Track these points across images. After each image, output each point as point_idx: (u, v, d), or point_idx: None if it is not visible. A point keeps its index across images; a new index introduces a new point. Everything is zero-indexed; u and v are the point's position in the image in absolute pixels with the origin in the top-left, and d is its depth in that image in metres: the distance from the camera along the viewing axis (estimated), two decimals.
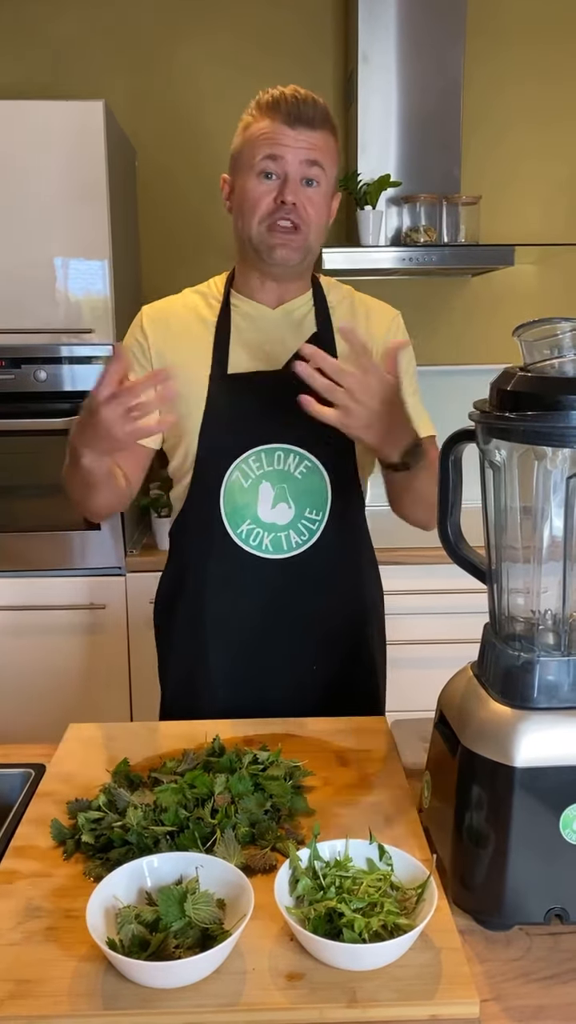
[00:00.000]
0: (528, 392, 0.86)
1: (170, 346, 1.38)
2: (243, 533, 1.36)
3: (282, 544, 1.36)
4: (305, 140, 1.27)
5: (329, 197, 1.34)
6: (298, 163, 1.27)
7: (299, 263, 1.33)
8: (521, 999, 0.80)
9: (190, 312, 1.41)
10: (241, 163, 1.31)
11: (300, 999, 0.77)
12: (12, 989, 0.78)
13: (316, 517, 1.37)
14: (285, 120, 1.27)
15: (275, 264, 1.32)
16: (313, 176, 1.28)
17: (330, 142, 1.31)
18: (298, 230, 1.29)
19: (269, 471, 1.35)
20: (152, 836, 0.95)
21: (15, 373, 2.31)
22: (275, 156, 1.27)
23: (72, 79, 2.73)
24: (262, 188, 1.28)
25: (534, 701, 0.88)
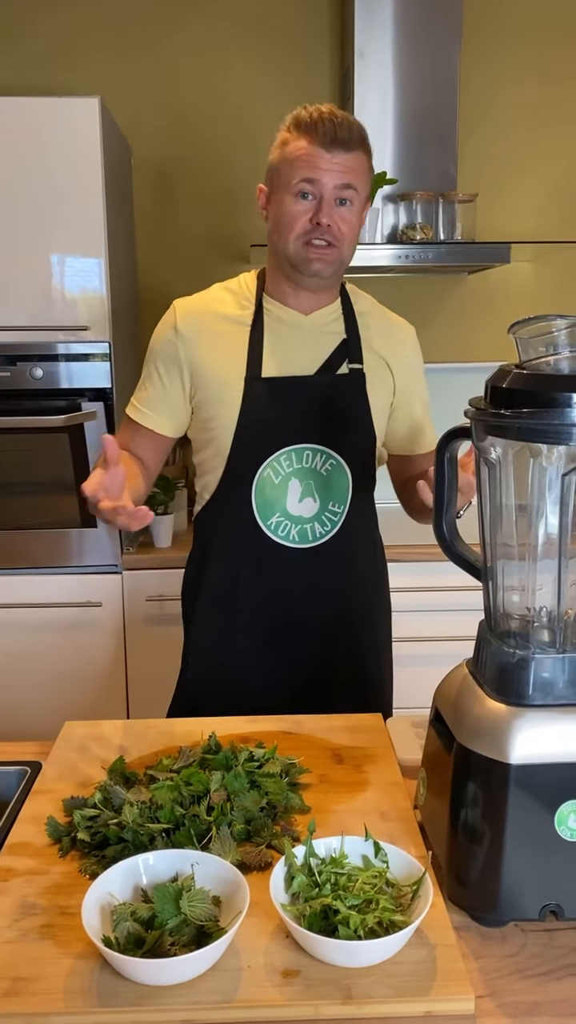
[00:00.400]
0: (524, 389, 0.86)
1: (204, 345, 1.44)
2: (272, 525, 1.45)
3: (307, 535, 1.46)
4: (340, 163, 1.33)
5: (361, 212, 1.41)
6: (333, 186, 1.33)
7: (332, 275, 1.41)
8: (516, 995, 0.80)
9: (223, 311, 1.46)
10: (279, 180, 1.38)
11: (295, 996, 0.77)
12: (7, 987, 0.78)
13: (338, 510, 1.47)
14: (322, 143, 1.32)
15: (310, 276, 1.40)
16: (347, 197, 1.35)
17: (364, 162, 1.37)
18: (332, 247, 1.36)
19: (298, 468, 1.44)
20: (148, 833, 0.95)
21: (11, 370, 2.30)
22: (312, 179, 1.33)
23: (68, 76, 2.72)
24: (299, 208, 1.35)
25: (529, 698, 0.88)
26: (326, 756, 1.19)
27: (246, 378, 1.42)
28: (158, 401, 1.48)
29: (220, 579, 1.50)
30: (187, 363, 1.44)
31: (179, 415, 1.49)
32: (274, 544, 1.45)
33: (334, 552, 1.47)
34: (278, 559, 1.46)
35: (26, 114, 2.21)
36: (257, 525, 1.44)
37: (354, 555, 1.51)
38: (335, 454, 1.44)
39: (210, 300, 1.48)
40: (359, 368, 1.46)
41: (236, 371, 1.42)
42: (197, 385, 1.45)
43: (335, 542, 1.47)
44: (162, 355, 1.47)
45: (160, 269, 2.85)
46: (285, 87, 2.78)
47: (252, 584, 1.48)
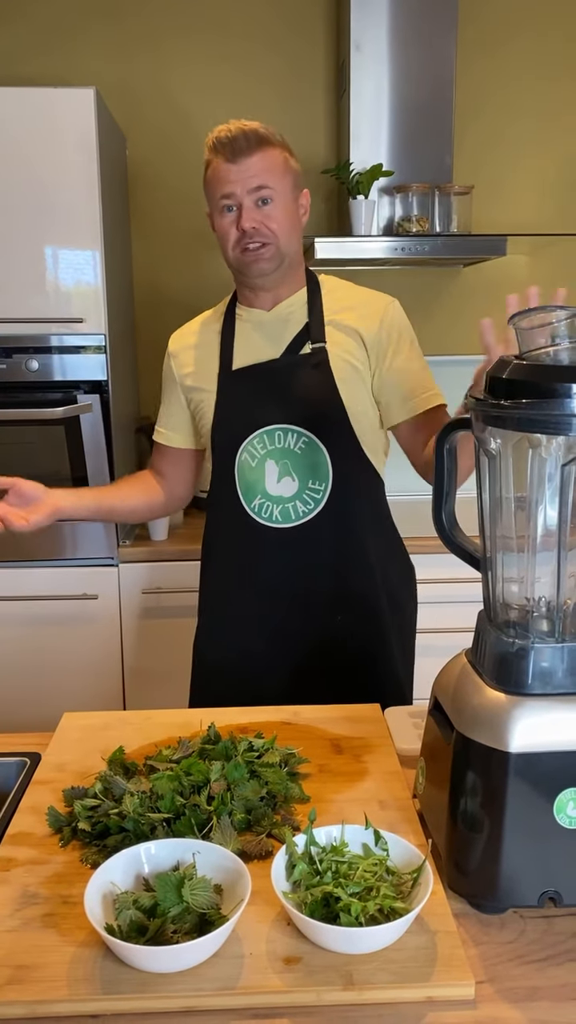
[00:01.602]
0: (523, 380, 0.86)
1: (187, 358, 1.58)
2: (255, 507, 1.50)
3: (290, 514, 1.50)
4: (246, 169, 1.41)
5: (289, 202, 1.46)
6: (246, 193, 1.41)
7: (277, 269, 1.47)
8: (515, 981, 0.80)
9: (203, 327, 1.60)
10: (209, 201, 1.48)
11: (297, 982, 0.78)
12: (11, 975, 0.79)
13: (319, 487, 1.49)
14: (226, 158, 1.42)
15: (255, 277, 1.48)
16: (264, 196, 1.42)
17: (272, 157, 1.43)
18: (265, 245, 1.44)
19: (272, 449, 1.49)
20: (148, 823, 0.95)
21: (6, 363, 2.29)
22: (227, 194, 1.42)
23: (63, 66, 2.70)
24: (226, 221, 1.45)
25: (528, 687, 0.89)
26: (325, 746, 1.20)
27: (219, 374, 1.53)
28: (168, 419, 1.64)
29: (220, 563, 1.59)
30: (179, 377, 1.59)
31: (185, 427, 1.62)
32: (259, 526, 1.51)
33: (321, 530, 1.50)
34: (265, 540, 1.51)
35: (21, 104, 2.20)
36: (243, 508, 1.51)
37: (347, 532, 1.52)
38: (306, 431, 1.48)
39: (195, 322, 1.63)
40: (320, 346, 1.49)
41: (211, 370, 1.54)
42: (187, 393, 1.58)
43: (321, 520, 1.49)
44: (166, 379, 1.63)
45: (155, 261, 2.84)
46: (281, 79, 2.77)
47: (246, 567, 1.54)
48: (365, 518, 1.56)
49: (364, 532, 1.55)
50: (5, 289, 2.27)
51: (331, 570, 1.52)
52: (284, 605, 1.53)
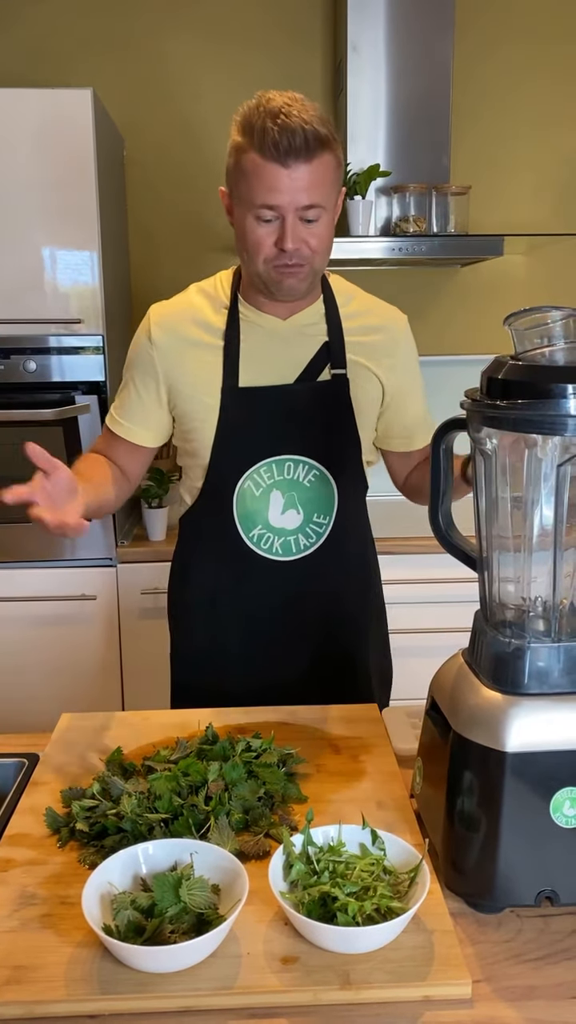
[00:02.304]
0: (519, 380, 0.86)
1: (179, 356, 1.38)
2: (254, 537, 1.40)
3: (291, 547, 1.41)
4: (300, 179, 1.21)
5: (332, 219, 1.30)
6: (295, 209, 1.23)
7: (308, 287, 1.33)
8: (512, 980, 0.81)
9: (199, 318, 1.39)
10: (237, 193, 1.27)
11: (295, 982, 0.78)
12: (9, 975, 0.79)
13: (323, 521, 1.42)
14: (275, 158, 1.20)
15: (283, 295, 1.32)
16: (311, 215, 1.24)
17: (328, 166, 1.24)
18: (303, 265, 1.28)
19: (279, 480, 1.39)
20: (146, 823, 0.96)
21: (4, 364, 2.30)
22: (271, 205, 1.23)
23: (60, 67, 2.71)
24: (261, 232, 1.25)
25: (525, 687, 0.89)
26: (323, 746, 1.20)
27: (223, 389, 1.36)
28: (134, 412, 1.43)
29: (203, 591, 1.47)
30: (163, 374, 1.39)
31: (156, 425, 1.43)
32: (257, 557, 1.41)
33: (321, 564, 1.42)
34: (262, 572, 1.41)
35: (19, 105, 2.20)
36: (239, 537, 1.40)
37: (343, 566, 1.46)
38: (318, 464, 1.39)
39: (185, 306, 1.41)
40: (342, 373, 1.38)
41: (213, 382, 1.37)
42: (174, 398, 1.40)
43: (322, 554, 1.42)
44: (138, 365, 1.41)
45: (153, 262, 2.84)
46: (278, 80, 2.77)
47: (235, 598, 1.44)
48: (363, 542, 1.52)
49: (362, 558, 1.51)
50: (3, 290, 2.27)
51: (327, 600, 1.46)
52: (272, 636, 1.45)
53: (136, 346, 1.42)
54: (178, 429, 1.44)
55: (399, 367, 1.44)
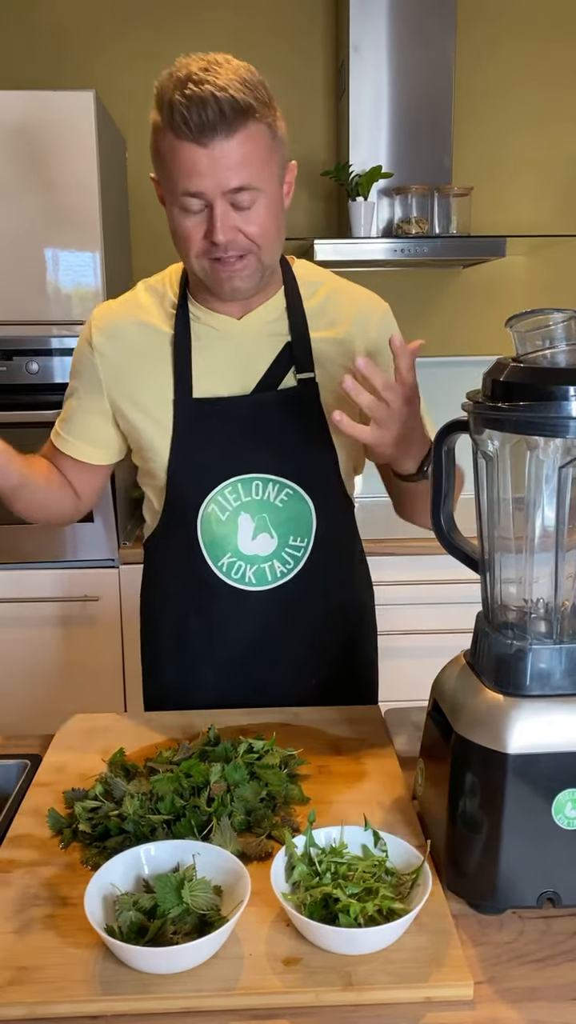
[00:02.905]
0: (521, 382, 0.86)
1: (124, 363, 1.25)
2: (224, 566, 1.27)
3: (266, 575, 1.28)
4: (222, 159, 1.05)
5: (275, 195, 1.13)
6: (220, 194, 1.07)
7: (256, 284, 1.18)
8: (514, 981, 0.81)
9: (145, 321, 1.26)
10: (162, 180, 1.13)
11: (296, 983, 0.78)
12: (11, 976, 0.79)
13: (300, 544, 1.28)
14: (191, 138, 1.04)
15: (225, 295, 1.18)
16: (244, 200, 1.09)
17: (256, 137, 1.07)
18: (243, 258, 1.13)
19: (247, 501, 1.25)
20: (148, 824, 0.96)
21: (7, 365, 2.30)
22: (193, 192, 1.08)
23: (62, 69, 2.71)
24: (189, 223, 1.11)
25: (527, 688, 0.89)
26: (325, 747, 1.20)
27: (175, 401, 1.22)
28: (78, 425, 1.30)
29: (173, 626, 1.36)
30: (106, 385, 1.25)
31: (105, 441, 1.30)
32: (229, 588, 1.27)
33: (300, 592, 1.29)
34: (234, 605, 1.28)
35: (21, 107, 2.21)
36: (207, 567, 1.27)
37: (330, 589, 1.33)
38: (290, 482, 1.24)
39: (131, 307, 1.27)
40: (310, 377, 1.23)
41: (163, 393, 1.23)
42: (120, 411, 1.27)
43: (301, 580, 1.28)
44: (81, 373, 1.28)
45: (154, 263, 2.82)
46: (280, 81, 2.74)
47: (207, 635, 1.32)
48: (348, 565, 1.39)
49: (347, 583, 1.39)
50: (5, 291, 2.28)
51: (310, 633, 1.34)
52: (248, 677, 1.34)
53: (78, 352, 1.30)
54: (132, 444, 1.31)
55: (375, 355, 1.24)
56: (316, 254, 2.46)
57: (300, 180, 2.80)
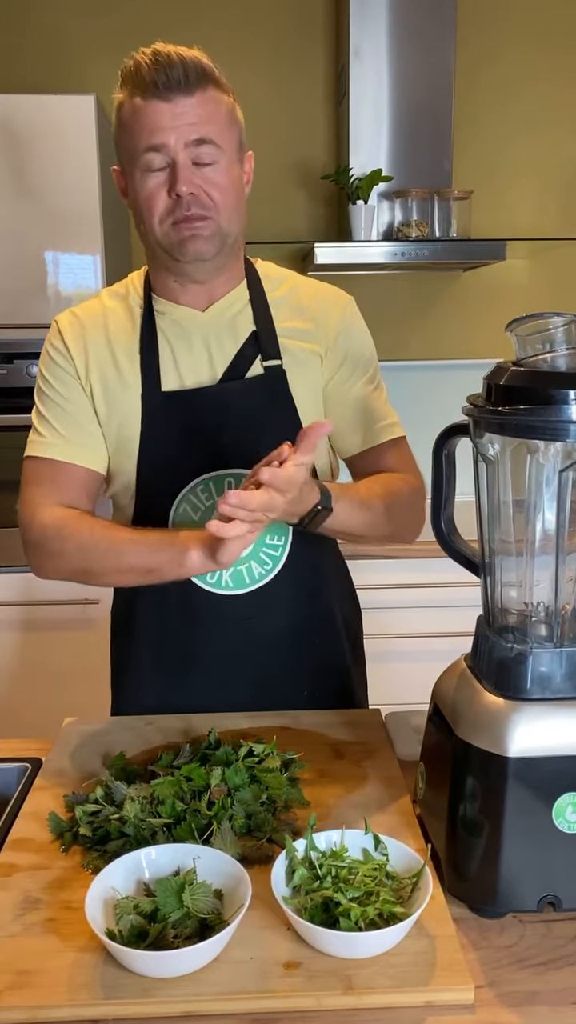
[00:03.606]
0: (521, 386, 0.87)
1: (94, 364, 1.23)
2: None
3: (243, 578, 1.25)
4: (184, 113, 1.09)
5: (234, 166, 1.16)
6: (183, 146, 1.10)
7: (216, 253, 1.18)
8: (514, 985, 0.81)
9: (111, 323, 1.25)
10: (124, 154, 1.15)
11: (297, 987, 0.78)
12: (12, 980, 0.79)
13: (278, 543, 1.26)
14: (155, 94, 1.09)
15: (189, 261, 1.17)
16: (205, 155, 1.11)
17: (217, 101, 1.13)
18: (205, 219, 1.14)
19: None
20: (149, 828, 0.96)
21: (7, 368, 2.31)
22: (156, 146, 1.10)
23: (63, 73, 2.72)
24: (152, 183, 1.13)
25: (527, 692, 0.89)
26: (325, 751, 1.20)
27: (143, 396, 1.21)
28: (75, 429, 1.23)
29: (145, 635, 1.31)
30: (85, 385, 1.23)
31: (98, 444, 1.24)
32: (204, 594, 1.24)
33: (279, 594, 1.26)
34: (212, 611, 1.25)
35: (22, 111, 2.21)
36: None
37: (310, 592, 1.31)
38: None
39: (96, 311, 1.26)
40: (276, 365, 1.22)
41: (132, 391, 1.22)
42: (97, 411, 1.24)
43: (279, 582, 1.26)
44: (56, 375, 1.23)
45: None
46: (280, 85, 2.78)
47: (187, 644, 1.29)
48: (327, 567, 1.36)
49: (327, 586, 1.36)
50: (6, 295, 2.28)
51: (292, 641, 1.31)
52: (232, 688, 1.30)
53: (50, 363, 1.25)
54: (105, 446, 1.27)
55: (338, 343, 1.27)
56: (316, 257, 2.46)
57: (300, 183, 2.84)
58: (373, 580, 2.24)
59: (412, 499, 1.28)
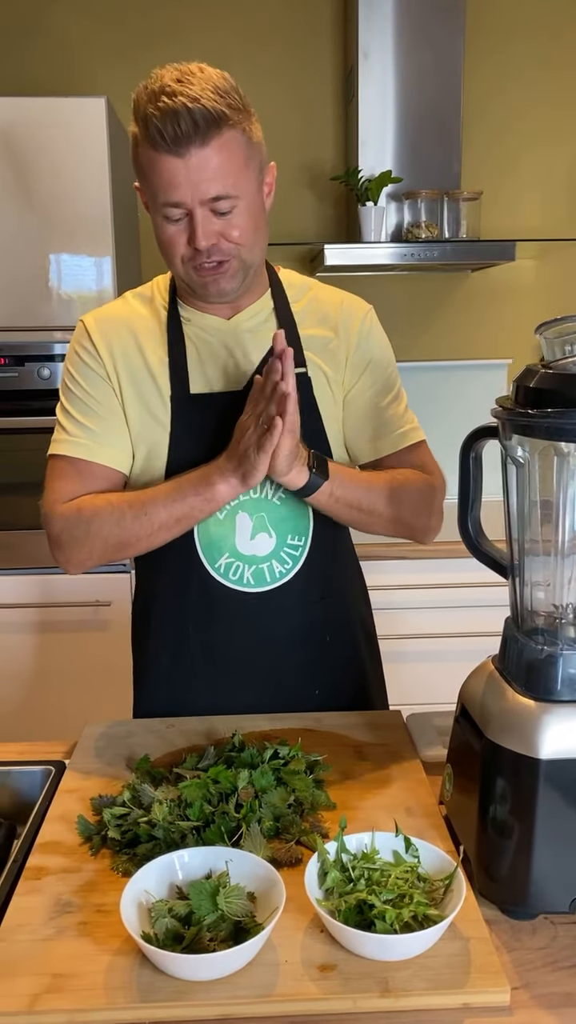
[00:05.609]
0: (550, 389, 0.87)
1: (123, 366, 1.24)
2: (221, 568, 1.26)
3: (265, 576, 1.27)
4: (199, 169, 1.08)
5: (254, 199, 1.16)
6: (199, 203, 1.10)
7: (240, 285, 1.21)
8: (549, 987, 0.81)
9: (138, 326, 1.26)
10: (144, 189, 1.17)
11: (333, 989, 0.78)
12: (48, 983, 0.79)
13: (299, 543, 1.28)
14: (168, 150, 1.07)
15: (212, 298, 1.21)
16: (223, 206, 1.12)
17: (232, 144, 1.10)
18: (225, 262, 1.16)
19: (244, 501, 1.24)
20: (179, 831, 0.96)
21: (18, 371, 2.31)
22: (174, 203, 1.11)
23: (74, 76, 2.72)
24: (172, 231, 1.14)
25: (558, 694, 0.89)
26: (348, 753, 1.20)
27: (172, 398, 1.23)
28: (104, 432, 1.24)
29: (166, 633, 1.33)
30: (114, 383, 1.24)
31: (125, 444, 1.26)
32: (226, 591, 1.26)
33: (300, 591, 1.28)
34: (232, 608, 1.27)
35: (33, 114, 2.21)
36: (204, 569, 1.26)
37: (328, 590, 1.33)
38: None
39: (122, 311, 1.28)
40: (302, 372, 1.24)
41: (161, 390, 1.24)
42: (126, 410, 1.25)
43: (300, 580, 1.28)
44: (88, 375, 1.24)
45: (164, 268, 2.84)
46: (288, 87, 2.78)
47: (206, 640, 1.30)
48: (344, 566, 1.38)
49: (344, 584, 1.38)
50: (16, 297, 2.28)
51: (309, 638, 1.32)
52: (251, 686, 1.32)
53: (76, 361, 1.26)
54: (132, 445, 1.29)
55: (360, 358, 1.30)
56: (326, 259, 2.46)
57: (309, 185, 2.84)
58: (384, 581, 2.24)
59: (421, 489, 1.30)
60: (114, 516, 1.20)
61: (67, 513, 1.23)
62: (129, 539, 1.21)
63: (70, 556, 1.25)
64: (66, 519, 1.23)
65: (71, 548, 1.24)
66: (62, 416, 1.28)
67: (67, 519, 1.23)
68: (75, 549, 1.24)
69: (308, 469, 1.16)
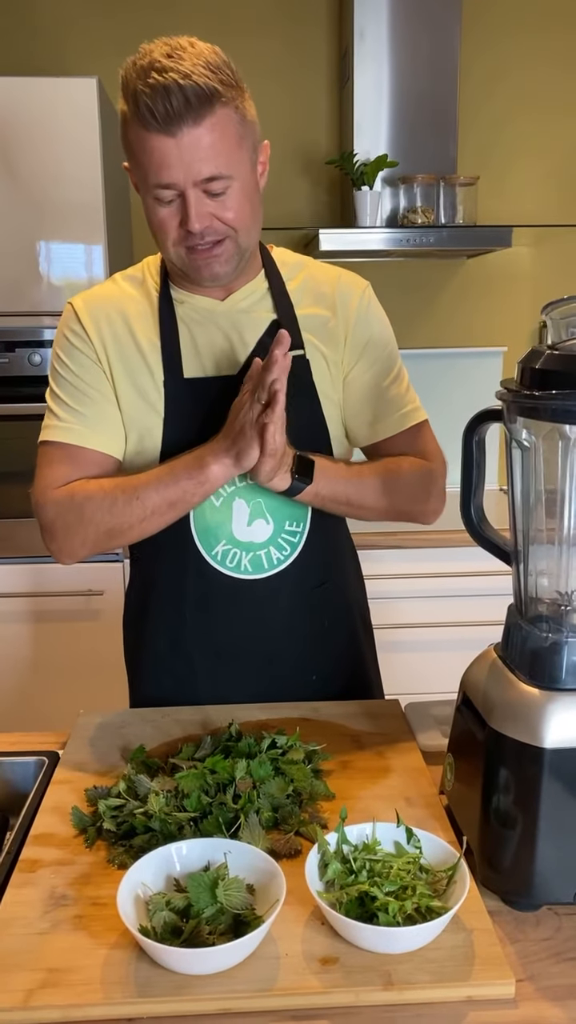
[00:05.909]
0: (556, 370, 0.85)
1: (113, 349, 1.21)
2: (218, 555, 1.25)
3: (262, 563, 1.25)
4: (191, 149, 1.04)
5: (248, 179, 1.12)
6: (192, 185, 1.06)
7: (235, 268, 1.18)
8: (554, 979, 0.80)
9: (128, 308, 1.22)
10: (133, 169, 1.12)
11: (335, 983, 0.77)
12: (44, 978, 0.77)
13: (297, 529, 1.26)
14: (159, 129, 1.03)
15: (207, 283, 1.18)
16: (217, 187, 1.08)
17: (225, 122, 1.05)
18: (220, 243, 1.13)
19: (241, 487, 1.22)
20: (175, 822, 0.94)
21: (9, 357, 2.28)
22: (165, 184, 1.07)
23: (65, 56, 2.67)
24: (164, 212, 1.10)
25: (562, 682, 0.88)
26: (347, 742, 1.18)
27: (165, 383, 1.20)
28: (95, 418, 1.21)
29: (166, 621, 1.31)
30: (106, 367, 1.21)
31: (117, 429, 1.23)
32: (223, 577, 1.24)
33: (297, 579, 1.27)
34: (229, 595, 1.25)
35: (23, 94, 2.17)
36: (200, 556, 1.24)
37: (326, 578, 1.31)
38: None
39: (114, 294, 1.24)
40: (300, 354, 1.21)
41: (154, 374, 1.21)
42: (118, 394, 1.22)
43: (297, 567, 1.26)
44: (76, 359, 1.21)
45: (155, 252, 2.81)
46: (283, 68, 2.74)
47: (203, 628, 1.28)
48: (341, 553, 1.37)
49: (341, 571, 1.36)
50: (6, 283, 2.25)
51: (307, 624, 1.31)
52: (248, 672, 1.30)
53: (65, 345, 1.22)
54: (125, 430, 1.26)
55: (358, 337, 1.26)
56: (321, 244, 2.43)
57: (304, 169, 2.80)
58: (378, 570, 2.23)
59: (418, 476, 1.28)
60: (106, 501, 1.17)
61: (59, 498, 1.20)
62: (121, 525, 1.18)
63: (63, 545, 1.23)
64: (59, 504, 1.20)
65: (64, 536, 1.21)
66: (52, 401, 1.24)
67: (60, 504, 1.20)
68: (68, 536, 1.21)
69: (291, 475, 1.14)
